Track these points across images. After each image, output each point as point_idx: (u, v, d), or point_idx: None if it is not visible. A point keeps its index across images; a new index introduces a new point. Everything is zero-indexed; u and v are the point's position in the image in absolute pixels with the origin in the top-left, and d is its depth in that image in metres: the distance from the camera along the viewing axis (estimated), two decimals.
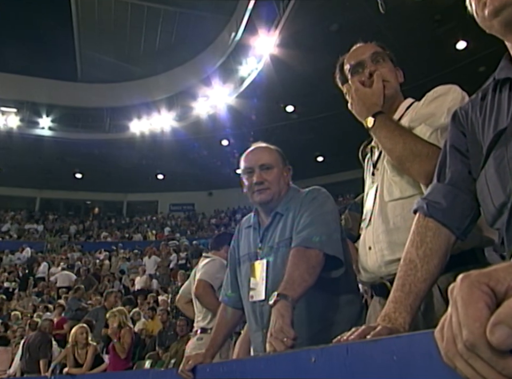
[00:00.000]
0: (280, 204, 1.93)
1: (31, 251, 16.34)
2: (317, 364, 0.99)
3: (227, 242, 3.35)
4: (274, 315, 1.48)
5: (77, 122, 19.91)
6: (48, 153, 19.74)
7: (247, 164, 1.96)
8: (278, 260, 1.83)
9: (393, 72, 1.68)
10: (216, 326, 2.07)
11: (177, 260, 14.17)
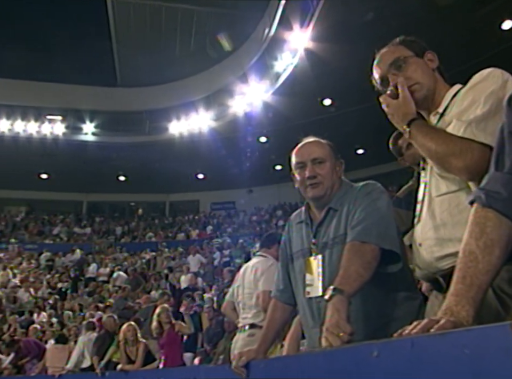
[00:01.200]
0: (333, 199, 1.90)
1: (81, 252, 16.97)
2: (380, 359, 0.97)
3: (277, 241, 3.52)
4: (330, 309, 1.46)
5: (118, 126, 20.46)
6: (92, 158, 20.43)
7: (299, 159, 1.95)
8: (334, 256, 1.81)
9: (420, 68, 1.61)
10: (267, 322, 2.07)
11: (221, 258, 14.34)
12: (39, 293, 13.28)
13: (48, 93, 19.80)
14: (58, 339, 8.73)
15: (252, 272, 3.58)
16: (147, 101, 19.81)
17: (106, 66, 21.07)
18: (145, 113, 20.11)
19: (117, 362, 6.01)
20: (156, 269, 14.17)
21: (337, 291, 1.49)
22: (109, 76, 21.24)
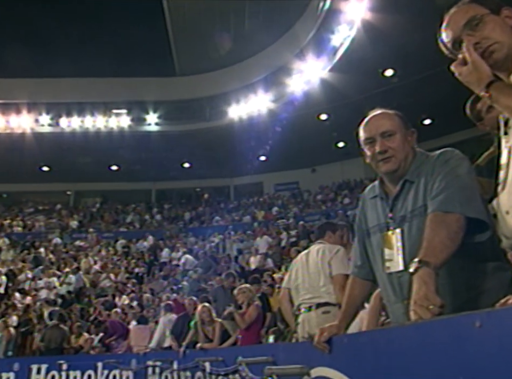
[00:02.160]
0: (408, 171, 1.82)
1: (153, 238, 17.75)
2: (483, 330, 0.91)
3: (329, 229, 3.94)
4: (417, 282, 1.40)
5: (180, 115, 20.97)
6: (157, 147, 21.18)
7: (367, 134, 1.87)
8: (413, 229, 1.74)
9: (498, 26, 1.45)
10: (347, 298, 2.04)
11: (288, 238, 14.40)
12: (118, 278, 14.10)
13: (113, 88, 20.69)
14: (139, 320, 9.24)
15: (318, 255, 3.68)
16: (206, 87, 20.09)
17: (164, 57, 21.55)
18: (205, 100, 20.41)
19: (196, 341, 6.26)
20: (225, 252, 14.51)
21: (423, 263, 1.44)
22: (168, 66, 21.72)
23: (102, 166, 23.24)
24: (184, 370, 6.10)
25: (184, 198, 25.45)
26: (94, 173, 23.69)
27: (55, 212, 24.03)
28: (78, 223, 21.67)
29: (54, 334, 8.98)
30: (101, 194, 25.97)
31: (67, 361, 8.03)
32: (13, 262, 15.95)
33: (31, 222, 21.97)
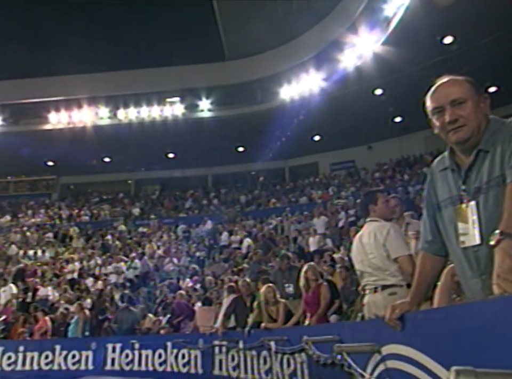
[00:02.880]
0: (482, 140, 1.71)
1: (212, 223, 18.12)
2: None
3: (370, 202, 3.72)
4: (500, 255, 1.32)
5: (231, 99, 21.08)
6: (211, 133, 21.46)
7: (435, 103, 1.78)
8: (490, 201, 1.64)
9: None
10: (418, 275, 1.97)
11: (346, 218, 14.18)
12: (181, 261, 14.57)
13: (166, 77, 21.11)
14: (204, 301, 9.52)
15: (371, 239, 3.56)
16: (256, 70, 19.99)
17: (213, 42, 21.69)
18: (256, 82, 20.33)
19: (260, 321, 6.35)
20: (284, 233, 14.54)
21: (506, 235, 1.36)
22: (217, 51, 21.84)
23: (159, 154, 23.93)
24: (250, 349, 6.24)
25: (240, 182, 25.70)
26: (152, 162, 24.44)
27: (118, 201, 25.14)
28: (140, 211, 22.54)
29: (125, 316, 9.47)
30: (159, 182, 26.82)
31: (139, 340, 8.46)
32: (83, 249, 16.93)
33: (97, 211, 23.12)
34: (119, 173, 26.59)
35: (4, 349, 9.20)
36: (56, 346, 9.01)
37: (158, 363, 8.03)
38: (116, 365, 8.46)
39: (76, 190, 27.82)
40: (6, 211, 24.64)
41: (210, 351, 7.30)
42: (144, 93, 21.02)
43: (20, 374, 8.91)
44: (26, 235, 19.48)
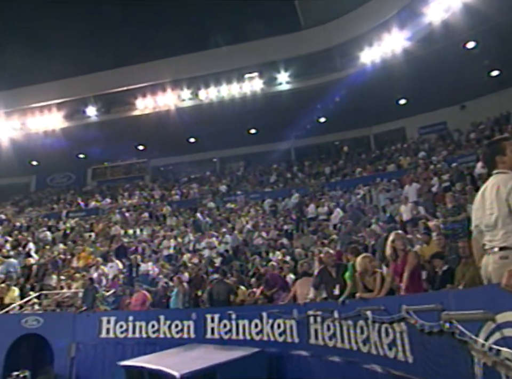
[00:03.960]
0: None
1: (298, 196, 18.08)
2: None
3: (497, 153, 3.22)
4: None
5: (310, 69, 20.61)
6: (291, 106, 21.25)
7: None
8: None
9: None
10: None
11: (440, 183, 13.37)
12: (269, 235, 14.77)
13: (244, 53, 21.17)
14: (295, 273, 9.58)
15: (493, 192, 3.14)
16: (334, 35, 19.29)
17: (288, 13, 21.24)
18: (335, 49, 19.64)
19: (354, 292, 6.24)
20: (373, 202, 14.11)
21: None
22: (293, 21, 21.38)
23: (241, 131, 24.25)
24: (345, 319, 6.18)
25: (324, 153, 25.29)
26: (235, 138, 24.87)
27: (205, 179, 26.03)
28: (227, 188, 23.14)
29: (221, 288, 9.84)
30: (243, 158, 27.26)
31: (235, 311, 8.76)
32: (176, 227, 17.83)
33: (187, 190, 24.15)
34: (205, 152, 27.46)
35: (116, 319, 10.08)
36: (160, 316, 9.66)
37: (255, 333, 8.28)
38: (216, 334, 8.87)
39: (166, 172, 29.26)
40: (106, 194, 26.66)
41: (305, 321, 7.36)
42: (223, 71, 21.29)
43: (131, 341, 9.72)
44: (125, 215, 20.96)
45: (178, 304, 10.23)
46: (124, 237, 17.41)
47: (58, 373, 9.99)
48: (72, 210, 24.33)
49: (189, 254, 14.08)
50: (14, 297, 12.48)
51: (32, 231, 20.54)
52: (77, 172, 30.90)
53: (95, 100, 24.06)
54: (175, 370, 6.68)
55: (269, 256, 12.74)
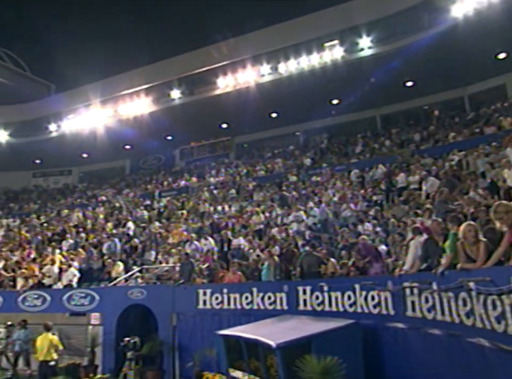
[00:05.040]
0: None
1: (386, 165, 17.37)
2: None
3: None
4: None
5: (394, 30, 19.49)
6: (373, 72, 20.33)
7: None
8: None
9: None
10: None
11: None
12: (358, 207, 14.43)
13: (324, 20, 20.55)
14: (387, 244, 9.29)
15: None
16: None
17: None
18: (421, 5, 18.29)
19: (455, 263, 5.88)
20: (469, 168, 13.11)
21: None
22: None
23: (323, 102, 23.73)
24: (445, 290, 5.88)
25: (412, 119, 23.93)
26: (317, 110, 24.42)
27: (289, 154, 25.97)
28: (311, 161, 22.90)
29: (311, 261, 9.84)
30: (326, 130, 26.71)
31: (327, 283, 8.73)
32: (263, 202, 18.07)
33: (271, 165, 24.29)
34: (287, 126, 27.35)
35: (212, 291, 10.55)
36: (253, 289, 9.92)
37: (348, 305, 8.19)
38: (308, 306, 8.92)
39: (250, 148, 29.64)
40: (193, 173, 27.73)
41: (401, 293, 7.12)
42: (303, 42, 20.85)
43: (227, 312, 10.13)
44: (213, 193, 21.67)
45: (270, 276, 10.42)
46: (213, 213, 18.05)
47: (162, 340, 10.74)
48: (164, 190, 25.68)
49: (277, 228, 14.23)
50: (119, 271, 13.58)
51: (130, 211, 22.04)
52: (166, 153, 32.44)
53: (179, 82, 24.87)
54: (271, 340, 6.84)
55: (358, 228, 12.47)
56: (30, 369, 12.32)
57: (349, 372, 6.48)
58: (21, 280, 14.82)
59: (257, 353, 7.36)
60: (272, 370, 7.06)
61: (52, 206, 29.17)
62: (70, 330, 12.56)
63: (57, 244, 18.27)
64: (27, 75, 31.29)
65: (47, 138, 29.46)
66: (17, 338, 12.31)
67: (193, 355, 9.79)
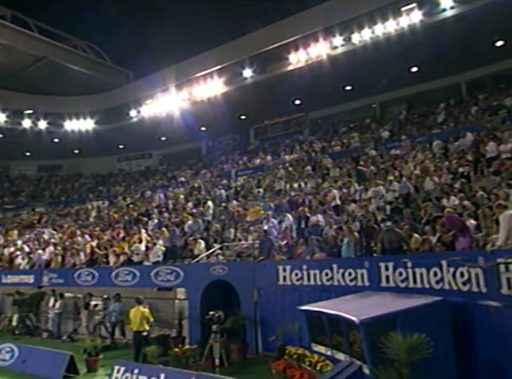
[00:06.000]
0: None
1: (472, 134, 16.20)
2: None
3: None
4: None
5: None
6: (457, 34, 18.89)
7: None
8: None
9: None
10: None
11: None
12: (442, 179, 13.62)
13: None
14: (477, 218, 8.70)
15: None
16: None
17: None
18: None
19: None
20: None
21: None
22: None
23: (401, 71, 22.54)
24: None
25: (502, 82, 21.94)
26: (394, 81, 23.28)
27: (365, 127, 25.12)
28: (389, 133, 21.98)
29: (392, 237, 9.51)
30: (405, 100, 25.40)
31: (411, 259, 8.39)
32: (340, 177, 17.70)
33: (347, 140, 23.67)
34: (362, 98, 26.43)
35: (291, 267, 10.60)
36: (333, 265, 9.82)
37: (435, 281, 7.83)
38: (391, 282, 8.65)
39: (324, 123, 29.07)
40: (268, 151, 27.81)
41: (494, 269, 6.67)
42: (377, 8, 19.77)
43: (307, 288, 10.15)
44: (288, 170, 21.61)
45: (350, 252, 10.25)
46: (289, 191, 18.02)
47: (244, 314, 11.04)
48: (240, 169, 26.07)
49: (355, 204, 13.90)
50: (201, 249, 14.09)
51: (208, 190, 22.69)
52: (241, 133, 32.81)
53: (251, 61, 24.83)
54: (354, 316, 6.74)
55: (443, 202, 11.79)
56: (125, 338, 13.35)
57: (437, 351, 6.22)
58: (113, 257, 15.96)
59: (340, 328, 7.31)
60: (356, 346, 6.98)
61: (135, 188, 30.89)
62: (159, 304, 13.33)
63: (143, 223, 19.37)
64: (108, 65, 32.91)
65: (129, 124, 31.04)
66: (113, 310, 13.35)
67: (275, 329, 9.96)
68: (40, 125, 31.76)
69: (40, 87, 31.03)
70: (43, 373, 10.08)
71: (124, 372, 8.73)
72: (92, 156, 37.50)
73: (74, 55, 30.49)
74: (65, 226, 23.96)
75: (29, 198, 34.93)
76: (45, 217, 28.52)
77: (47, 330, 15.52)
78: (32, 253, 19.29)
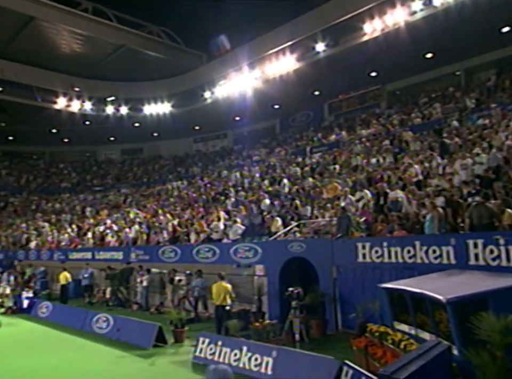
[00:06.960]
0: None
1: None
2: None
3: None
4: None
5: None
6: None
7: None
8: None
9: None
10: None
11: None
12: None
13: None
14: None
15: None
16: None
17: None
18: None
19: None
20: None
21: None
22: None
23: (489, 32, 20.72)
24: None
25: None
26: (481, 44, 21.48)
27: (448, 96, 23.55)
28: (476, 102, 20.43)
29: (482, 212, 8.89)
30: (494, 64, 23.36)
31: (504, 236, 7.80)
32: (421, 151, 16.81)
33: (428, 111, 22.37)
34: (445, 66, 24.73)
35: (371, 245, 10.32)
36: (415, 242, 9.39)
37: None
38: (480, 260, 8.12)
39: (403, 95, 27.67)
40: (343, 127, 27.10)
41: None
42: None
43: (388, 265, 9.83)
44: (366, 145, 20.93)
45: (434, 229, 9.74)
46: (367, 167, 17.47)
47: (323, 291, 10.99)
48: (314, 146, 25.71)
49: (438, 178, 13.15)
50: (278, 226, 14.16)
51: (283, 168, 22.67)
52: (314, 109, 32.27)
53: (323, 34, 24.12)
54: (440, 294, 6.41)
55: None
56: (207, 311, 13.91)
57: None
58: (194, 235, 16.58)
59: (424, 307, 7.01)
60: (442, 325, 6.67)
61: (212, 168, 31.70)
62: (238, 280, 13.68)
63: (221, 202, 19.86)
64: (182, 48, 33.71)
65: (203, 105, 31.72)
66: (195, 285, 13.94)
67: (355, 306, 9.81)
68: (122, 111, 33.51)
69: (120, 74, 32.61)
70: (135, 341, 10.83)
71: (209, 343, 9.10)
72: (170, 138, 38.96)
73: (150, 41, 31.59)
74: (148, 206, 25.27)
75: (115, 180, 37.26)
76: (130, 198, 30.27)
77: (136, 302, 16.60)
78: (120, 231, 20.61)
